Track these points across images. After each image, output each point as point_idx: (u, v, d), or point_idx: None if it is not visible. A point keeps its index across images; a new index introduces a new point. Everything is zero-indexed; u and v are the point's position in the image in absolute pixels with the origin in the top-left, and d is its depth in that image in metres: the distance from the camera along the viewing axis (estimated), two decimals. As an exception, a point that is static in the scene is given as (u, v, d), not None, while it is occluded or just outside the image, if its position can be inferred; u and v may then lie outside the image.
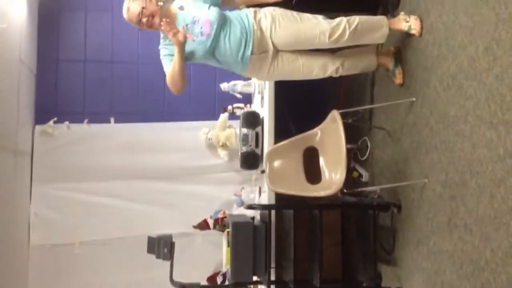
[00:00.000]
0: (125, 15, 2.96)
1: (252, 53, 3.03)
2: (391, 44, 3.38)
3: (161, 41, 3.08)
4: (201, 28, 2.95)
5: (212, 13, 2.97)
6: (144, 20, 2.91)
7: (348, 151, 3.11)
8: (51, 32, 4.38)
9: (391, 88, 3.49)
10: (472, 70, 2.56)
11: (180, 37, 2.81)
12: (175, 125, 4.44)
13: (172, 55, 2.95)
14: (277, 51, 3.11)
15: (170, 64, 2.99)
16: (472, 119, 2.54)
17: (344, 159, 2.92)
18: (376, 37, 3.17)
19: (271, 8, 3.12)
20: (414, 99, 3.14)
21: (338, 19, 3.08)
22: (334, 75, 3.27)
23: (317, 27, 3.06)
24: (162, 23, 2.79)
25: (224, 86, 4.40)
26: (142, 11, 2.89)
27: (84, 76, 4.41)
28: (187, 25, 2.96)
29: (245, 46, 3.01)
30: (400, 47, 3.33)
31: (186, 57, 2.95)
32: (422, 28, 3.07)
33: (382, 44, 3.43)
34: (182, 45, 2.85)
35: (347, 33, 3.06)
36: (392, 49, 3.35)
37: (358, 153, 3.85)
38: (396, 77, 3.29)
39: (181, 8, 3.03)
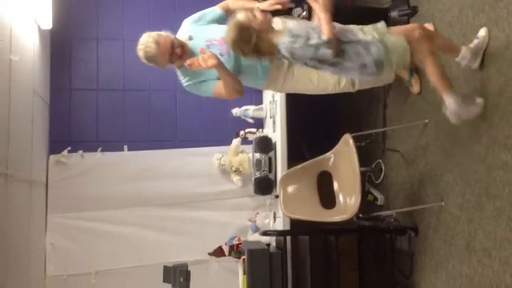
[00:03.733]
0: (154, 51, 2.85)
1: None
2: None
3: (183, 79, 3.05)
4: (219, 49, 2.93)
5: (224, 31, 2.96)
6: (178, 50, 2.87)
7: (362, 174, 3.09)
8: (64, 62, 4.43)
9: (403, 110, 3.47)
10: (484, 91, 2.54)
11: (210, 62, 2.78)
12: (188, 151, 4.44)
13: (202, 80, 2.97)
14: (290, 63, 3.05)
15: (214, 82, 2.97)
16: (486, 141, 2.52)
17: (358, 183, 2.90)
18: None
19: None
20: (427, 121, 3.12)
21: None
22: (351, 90, 3.19)
23: None
24: (187, 62, 2.82)
25: (236, 111, 4.40)
26: (174, 41, 2.87)
27: (97, 105, 4.44)
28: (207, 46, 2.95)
29: None
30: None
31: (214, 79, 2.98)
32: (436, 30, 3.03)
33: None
34: (218, 64, 2.81)
35: None
36: None
37: (372, 176, 3.82)
38: (413, 86, 3.24)
39: (190, 38, 3.01)
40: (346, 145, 3.04)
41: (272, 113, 4.01)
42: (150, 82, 4.51)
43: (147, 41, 2.86)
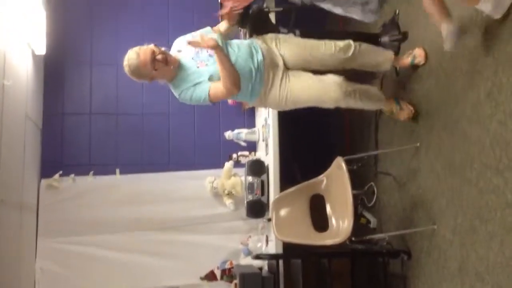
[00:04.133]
0: (135, 61, 2.85)
1: (263, 58, 2.97)
2: (390, 95, 3.39)
3: (176, 90, 3.01)
4: (208, 51, 2.93)
5: (212, 34, 2.99)
6: (160, 56, 2.84)
7: (355, 197, 3.09)
8: (57, 86, 4.43)
9: (395, 133, 3.50)
10: (475, 116, 2.57)
11: (211, 42, 2.74)
12: (180, 174, 4.43)
13: (196, 83, 2.91)
14: (287, 68, 3.06)
15: (208, 83, 2.90)
16: (477, 165, 2.54)
17: (350, 206, 2.90)
18: (380, 60, 3.21)
19: None
20: (418, 144, 3.14)
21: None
22: (353, 97, 3.06)
23: (321, 41, 3.12)
24: (189, 41, 2.82)
25: (229, 134, 4.41)
26: (154, 49, 2.86)
27: (90, 129, 4.43)
28: (192, 58, 2.96)
29: (256, 52, 2.99)
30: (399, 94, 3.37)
31: (207, 104, 2.98)
32: (426, 54, 3.10)
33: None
34: (218, 46, 2.77)
35: (353, 46, 3.10)
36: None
37: (365, 199, 3.82)
38: (404, 110, 3.20)
39: (179, 50, 3.04)
40: (339, 168, 3.04)
41: (264, 136, 4.02)
42: (143, 105, 4.52)
43: (128, 55, 2.90)
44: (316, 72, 3.09)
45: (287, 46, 3.09)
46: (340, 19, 4.66)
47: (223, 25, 3.14)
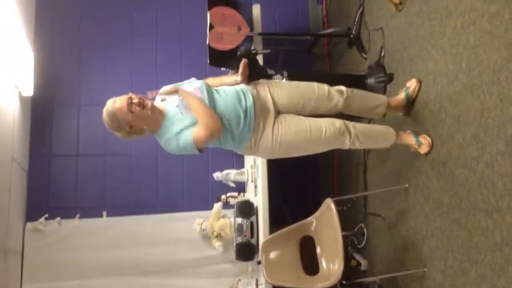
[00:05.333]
0: (110, 107, 2.73)
1: (253, 103, 2.84)
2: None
3: (162, 140, 2.85)
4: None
5: (196, 83, 2.92)
6: (136, 100, 2.72)
7: (345, 238, 3.06)
8: (44, 128, 4.41)
9: (384, 174, 3.50)
10: (462, 157, 2.58)
11: (169, 88, 2.82)
12: (168, 216, 4.37)
13: (179, 131, 2.77)
14: (278, 112, 2.93)
15: (190, 129, 2.75)
16: (466, 206, 2.53)
17: (341, 248, 2.87)
18: (375, 104, 3.10)
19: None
20: (407, 185, 3.14)
21: None
22: (352, 136, 2.88)
23: (314, 83, 3.04)
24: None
25: (217, 175, 4.39)
26: (131, 95, 2.75)
27: (76, 171, 4.40)
28: (177, 106, 2.85)
29: (245, 97, 2.86)
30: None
31: (194, 151, 2.79)
32: (419, 82, 3.05)
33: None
34: (178, 89, 2.82)
35: (345, 90, 3.00)
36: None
37: (355, 240, 3.79)
38: (423, 144, 2.95)
39: (163, 99, 2.94)
40: (328, 210, 3.03)
41: (253, 177, 4.01)
42: (131, 146, 4.50)
43: (106, 105, 2.79)
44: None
45: (280, 89, 2.99)
46: (326, 61, 4.74)
47: (228, 79, 3.04)
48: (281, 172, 4.03)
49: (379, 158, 3.60)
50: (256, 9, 4.19)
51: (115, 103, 2.75)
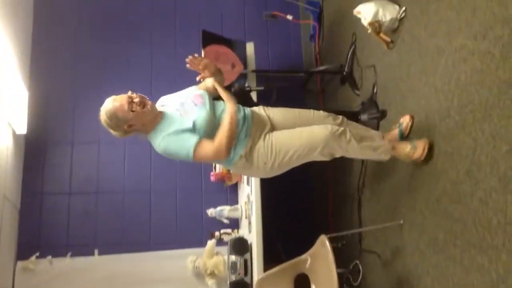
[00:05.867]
0: (110, 105, 2.70)
1: (252, 115, 2.86)
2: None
3: (159, 136, 2.73)
4: (193, 101, 2.82)
5: (197, 90, 2.92)
6: (137, 99, 2.70)
7: (340, 276, 3.02)
8: (37, 166, 4.40)
9: (378, 211, 3.49)
10: (456, 194, 2.58)
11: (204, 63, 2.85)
12: (161, 254, 4.32)
13: (180, 130, 2.69)
14: (273, 127, 2.92)
15: (197, 137, 2.65)
16: (461, 243, 2.52)
17: (336, 286, 2.83)
18: (370, 134, 3.04)
19: None
20: (401, 221, 3.12)
21: None
22: (346, 137, 2.80)
23: (310, 110, 3.04)
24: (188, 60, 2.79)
25: (211, 211, 4.37)
26: (131, 94, 2.73)
27: (68, 209, 4.35)
28: (176, 109, 2.80)
29: (243, 108, 2.89)
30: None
31: (193, 132, 2.70)
32: (412, 117, 3.06)
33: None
34: (213, 69, 2.87)
35: (340, 117, 3.04)
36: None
37: (350, 278, 3.74)
38: (419, 145, 2.87)
39: (163, 105, 2.91)
40: (323, 247, 3.00)
41: (247, 213, 3.98)
42: (124, 184, 4.48)
43: (105, 103, 2.75)
44: None
45: (275, 110, 3.00)
46: (320, 97, 4.79)
47: (209, 81, 2.99)
48: (276, 209, 4.02)
49: (373, 194, 3.59)
50: (250, 47, 4.25)
51: (115, 101, 2.72)
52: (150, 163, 4.52)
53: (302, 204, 4.61)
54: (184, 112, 2.78)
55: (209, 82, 2.98)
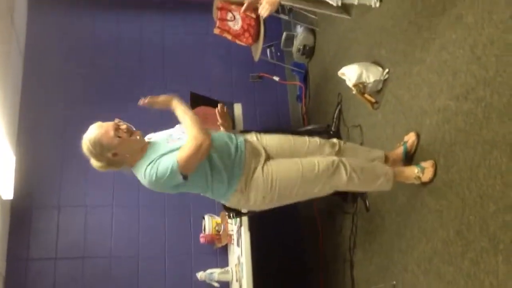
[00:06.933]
0: (95, 131, 2.53)
1: (244, 143, 2.71)
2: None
3: (142, 169, 2.56)
4: (182, 131, 2.66)
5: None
6: (124, 126, 2.57)
7: None
8: (23, 231, 4.30)
9: (370, 271, 3.44)
10: (447, 254, 2.56)
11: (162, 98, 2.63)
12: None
13: (161, 154, 2.52)
14: (268, 156, 2.76)
15: (174, 152, 2.51)
16: (457, 304, 2.48)
17: None
18: (371, 158, 2.96)
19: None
20: (394, 282, 3.07)
21: None
22: (346, 168, 2.69)
23: (305, 138, 2.92)
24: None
25: (201, 275, 4.27)
26: (117, 122, 2.59)
27: (55, 275, 4.22)
28: (165, 139, 2.67)
29: (235, 136, 2.74)
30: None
31: (177, 178, 2.51)
32: (417, 135, 2.95)
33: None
34: (172, 99, 2.62)
35: (337, 143, 2.92)
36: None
37: None
38: (427, 167, 2.75)
39: (149, 138, 2.76)
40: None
41: (238, 276, 3.90)
42: (111, 248, 4.39)
43: (89, 129, 2.58)
44: None
45: (269, 137, 2.87)
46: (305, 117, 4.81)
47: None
48: (267, 271, 3.95)
49: (365, 254, 3.55)
50: (238, 108, 4.30)
51: (100, 127, 2.56)
52: (138, 226, 4.45)
53: (295, 266, 4.54)
54: (172, 140, 2.65)
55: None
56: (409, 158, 2.98)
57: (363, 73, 3.35)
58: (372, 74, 3.34)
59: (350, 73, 3.42)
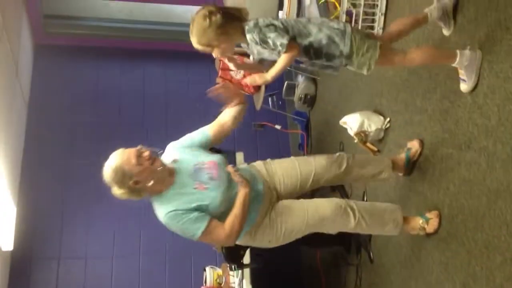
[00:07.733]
0: (117, 159, 2.48)
1: (263, 187, 2.68)
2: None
3: (162, 206, 2.52)
4: (208, 173, 2.59)
5: (216, 156, 2.71)
6: (146, 153, 2.50)
7: None
8: (22, 283, 4.22)
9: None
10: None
11: (239, 177, 2.51)
12: None
13: (193, 209, 2.48)
14: (278, 197, 2.74)
15: (207, 218, 2.47)
16: None
17: None
18: (378, 169, 2.88)
19: None
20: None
21: None
22: (354, 214, 2.63)
23: (311, 162, 2.84)
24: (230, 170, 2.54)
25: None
26: (140, 148, 2.52)
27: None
28: (189, 176, 2.58)
29: (256, 178, 2.70)
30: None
31: (204, 212, 2.50)
32: (421, 142, 2.91)
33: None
34: (247, 185, 2.53)
35: (345, 158, 2.82)
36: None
37: None
38: (432, 218, 2.70)
39: (175, 161, 2.65)
40: None
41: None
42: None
43: (110, 157, 2.53)
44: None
45: (277, 166, 2.84)
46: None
47: (226, 115, 2.88)
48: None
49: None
50: (239, 156, 4.28)
51: (123, 154, 2.50)
52: (139, 279, 4.38)
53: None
54: (199, 184, 2.55)
55: (226, 116, 2.84)
56: (411, 166, 2.93)
57: (365, 122, 3.36)
58: (373, 123, 3.35)
59: (351, 122, 3.42)
